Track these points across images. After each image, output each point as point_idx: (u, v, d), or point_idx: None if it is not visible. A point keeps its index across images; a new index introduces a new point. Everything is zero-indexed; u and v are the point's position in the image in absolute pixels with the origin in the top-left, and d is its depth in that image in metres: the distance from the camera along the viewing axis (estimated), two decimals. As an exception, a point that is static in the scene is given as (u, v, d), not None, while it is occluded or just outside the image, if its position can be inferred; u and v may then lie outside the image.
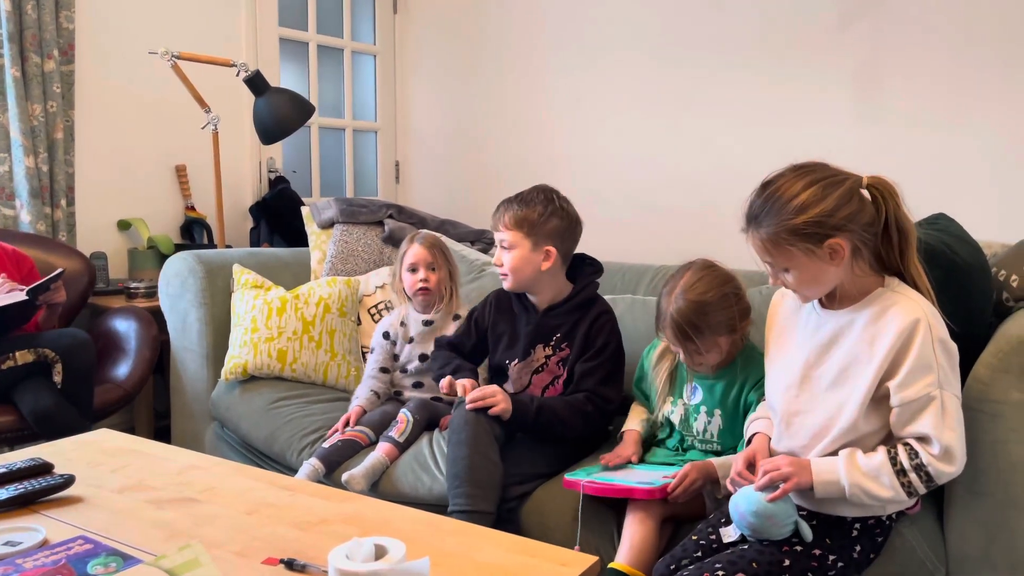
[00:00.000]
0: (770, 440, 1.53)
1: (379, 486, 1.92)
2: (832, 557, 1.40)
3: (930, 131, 2.66)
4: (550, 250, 1.93)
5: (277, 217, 3.36)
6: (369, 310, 2.65)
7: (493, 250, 2.00)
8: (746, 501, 1.39)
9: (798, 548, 1.39)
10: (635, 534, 1.59)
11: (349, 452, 2.02)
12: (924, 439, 1.32)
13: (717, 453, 1.74)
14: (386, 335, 2.29)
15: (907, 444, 1.33)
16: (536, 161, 3.56)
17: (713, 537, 1.49)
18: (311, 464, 1.97)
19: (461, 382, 1.89)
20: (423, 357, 2.23)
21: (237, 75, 2.90)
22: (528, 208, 1.93)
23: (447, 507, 1.72)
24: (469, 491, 1.70)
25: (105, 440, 1.69)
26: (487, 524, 1.59)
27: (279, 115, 2.86)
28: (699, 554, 1.47)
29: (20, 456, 1.53)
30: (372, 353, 2.31)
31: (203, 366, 2.56)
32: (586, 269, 2.04)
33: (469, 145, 3.82)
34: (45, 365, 2.23)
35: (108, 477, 1.47)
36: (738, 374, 1.74)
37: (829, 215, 1.31)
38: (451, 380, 1.91)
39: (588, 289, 2.00)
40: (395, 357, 2.29)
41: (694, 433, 1.78)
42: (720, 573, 1.36)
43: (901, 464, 1.32)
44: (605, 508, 1.69)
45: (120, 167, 3.09)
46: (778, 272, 1.39)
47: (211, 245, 3.20)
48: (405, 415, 2.06)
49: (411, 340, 2.26)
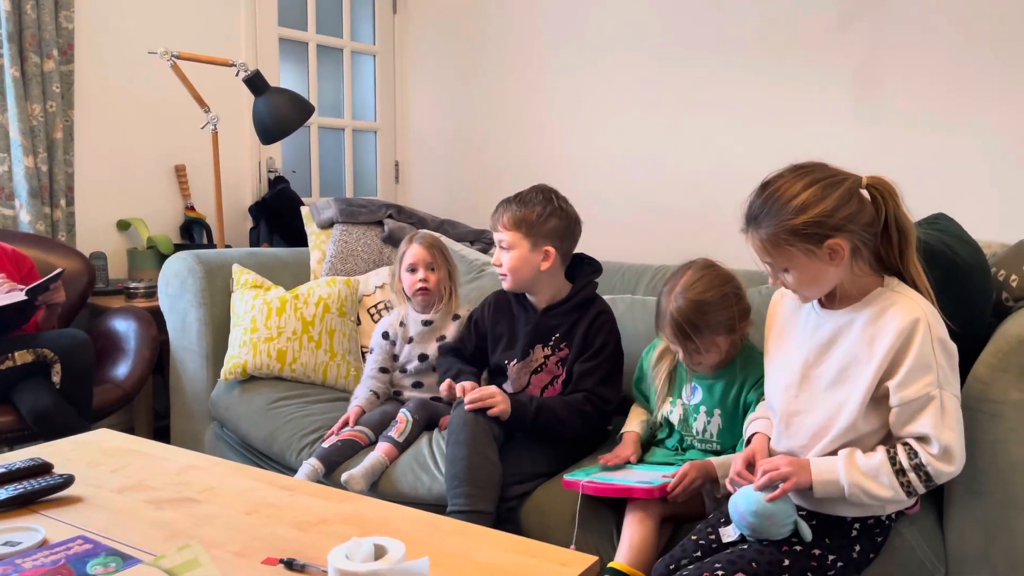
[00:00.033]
0: (769, 440, 1.53)
1: (378, 486, 1.92)
2: (832, 557, 1.40)
3: (930, 131, 2.66)
4: (549, 250, 1.93)
5: (277, 217, 3.36)
6: (369, 310, 2.65)
7: (493, 250, 2.00)
8: (745, 501, 1.39)
9: (797, 548, 1.39)
10: (634, 534, 1.59)
11: (349, 452, 2.02)
12: (923, 439, 1.32)
13: (716, 453, 1.74)
14: (385, 335, 2.29)
15: (906, 444, 1.33)
16: (536, 161, 3.56)
17: (712, 537, 1.49)
18: (311, 464, 1.97)
19: (461, 384, 1.89)
20: (422, 357, 2.23)
21: (237, 75, 2.90)
22: (527, 208, 1.93)
23: (446, 507, 1.72)
24: (468, 491, 1.70)
25: (105, 440, 1.69)
26: (486, 524, 1.59)
27: (279, 115, 2.86)
28: (698, 554, 1.47)
29: (20, 456, 1.53)
30: (371, 353, 2.31)
31: (202, 366, 2.56)
32: (585, 269, 2.04)
33: (469, 145, 3.82)
34: (44, 365, 2.23)
35: (108, 477, 1.47)
36: (737, 374, 1.74)
37: (829, 215, 1.31)
38: (450, 383, 1.91)
39: (587, 289, 2.00)
40: (394, 357, 2.29)
41: (693, 433, 1.78)
42: (720, 573, 1.36)
43: (900, 464, 1.32)
44: (604, 508, 1.69)
45: (120, 167, 3.09)
46: (778, 272, 1.39)
47: (211, 245, 3.20)
48: (404, 415, 2.06)
49: (410, 340, 2.26)
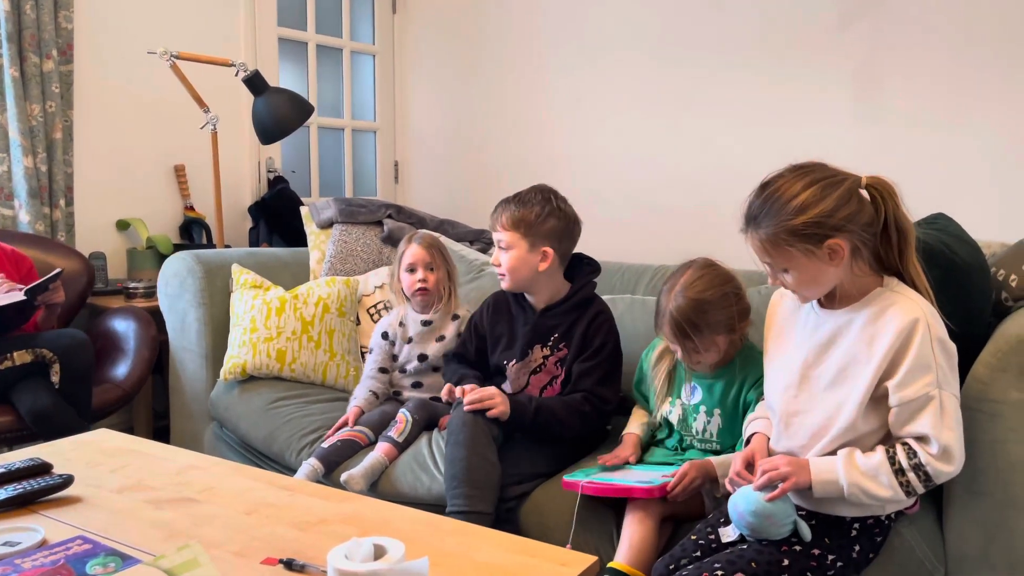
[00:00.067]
0: (769, 440, 1.53)
1: (378, 486, 1.92)
2: (831, 557, 1.40)
3: (930, 131, 2.66)
4: (547, 251, 1.93)
5: (276, 217, 3.36)
6: (368, 310, 2.65)
7: (492, 250, 1.99)
8: (745, 501, 1.39)
9: (797, 548, 1.39)
10: (634, 534, 1.59)
11: (348, 452, 2.02)
12: (923, 439, 1.32)
13: (716, 452, 1.74)
14: (385, 335, 2.29)
15: (906, 444, 1.33)
16: (535, 161, 3.56)
17: (712, 537, 1.49)
18: (310, 464, 1.97)
19: (460, 386, 1.89)
20: (422, 357, 2.23)
21: (236, 75, 2.90)
22: (525, 208, 1.93)
23: (445, 507, 1.72)
24: (467, 492, 1.70)
25: (104, 440, 1.69)
26: (485, 525, 1.58)
27: (278, 115, 2.86)
28: (698, 554, 1.47)
29: (19, 456, 1.53)
30: (371, 353, 2.31)
31: (202, 366, 2.56)
32: (584, 269, 2.03)
33: (468, 145, 3.82)
34: (43, 365, 2.23)
35: (107, 477, 1.47)
36: (737, 373, 1.74)
37: (828, 215, 1.31)
38: (450, 388, 1.91)
39: (585, 289, 2.00)
40: (394, 357, 2.29)
41: (693, 433, 1.78)
42: (719, 573, 1.36)
43: (900, 463, 1.32)
44: (604, 508, 1.69)
45: (119, 167, 3.09)
46: (777, 272, 1.39)
47: (210, 245, 3.20)
48: (404, 415, 2.06)
49: (410, 340, 2.26)
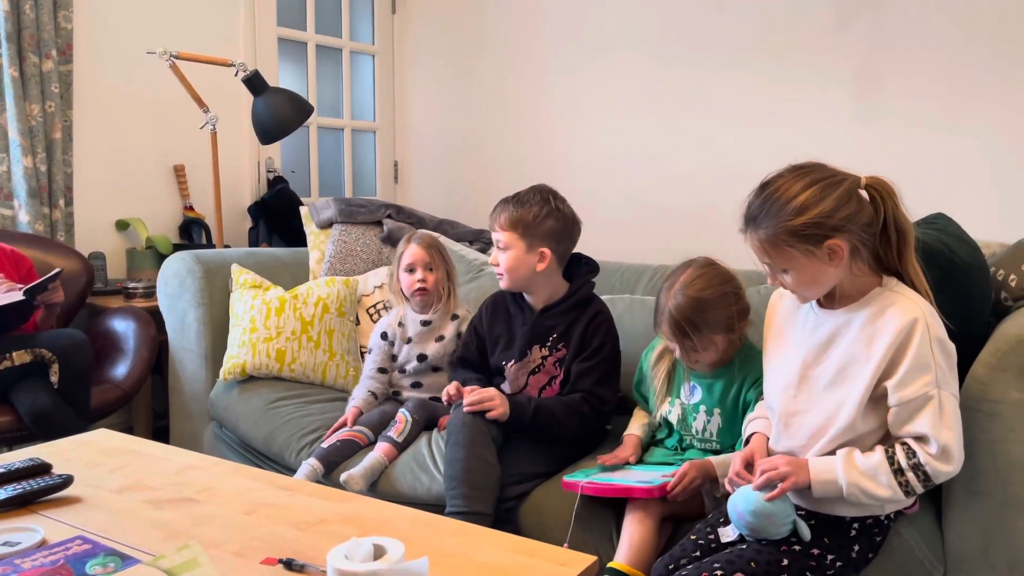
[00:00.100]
0: (768, 440, 1.53)
1: (378, 486, 1.92)
2: (830, 557, 1.40)
3: (930, 131, 2.66)
4: (544, 252, 1.92)
5: (276, 217, 3.36)
6: (368, 310, 2.65)
7: (491, 249, 2.00)
8: (744, 501, 1.39)
9: (796, 548, 1.39)
10: (634, 533, 1.59)
11: (348, 452, 2.02)
12: (922, 438, 1.32)
13: (716, 452, 1.74)
14: (384, 336, 2.29)
15: (905, 443, 1.33)
16: (535, 161, 3.56)
17: (712, 537, 1.49)
18: (310, 464, 1.97)
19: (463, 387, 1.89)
20: (421, 357, 2.23)
21: (235, 75, 2.90)
22: (524, 209, 1.92)
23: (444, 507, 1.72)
24: (466, 492, 1.70)
25: (103, 440, 1.69)
26: (483, 526, 1.58)
27: (278, 115, 2.86)
28: (697, 554, 1.47)
29: (18, 456, 1.53)
30: (370, 354, 2.31)
31: (201, 366, 2.56)
32: (582, 269, 2.03)
33: (468, 145, 3.82)
34: (42, 365, 2.23)
35: (106, 477, 1.47)
36: (736, 373, 1.74)
37: (828, 216, 1.31)
38: (450, 388, 1.91)
39: (584, 289, 2.00)
40: (393, 358, 2.29)
41: (693, 432, 1.78)
42: (719, 572, 1.36)
43: (899, 463, 1.32)
44: (603, 508, 1.69)
45: (118, 167, 3.09)
46: (777, 273, 1.39)
47: (209, 245, 3.20)
48: (404, 415, 2.06)
49: (409, 340, 2.26)
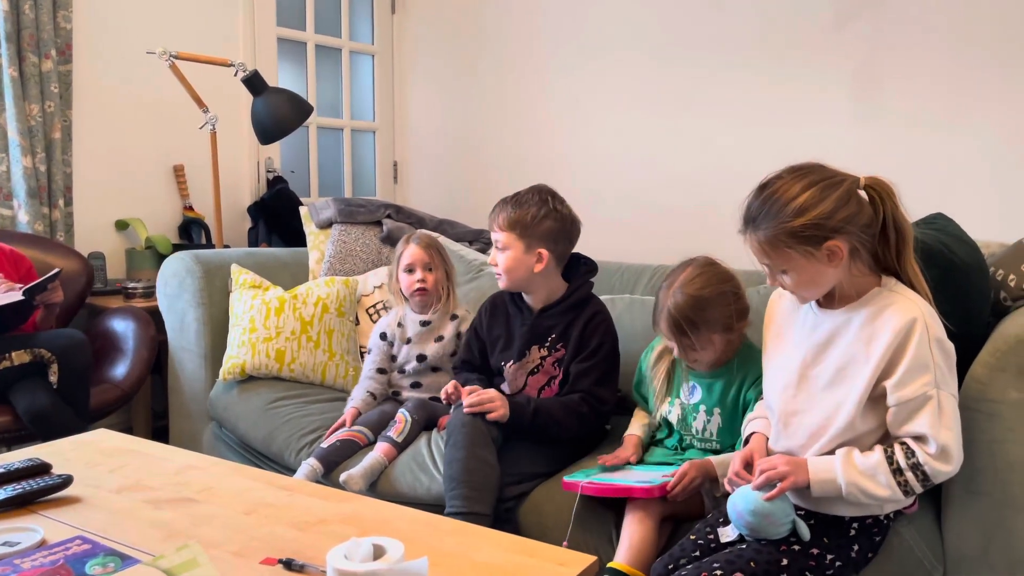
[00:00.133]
0: (767, 440, 1.53)
1: (377, 486, 1.92)
2: (830, 556, 1.40)
3: (930, 131, 2.66)
4: (542, 252, 1.92)
5: (275, 217, 3.36)
6: (367, 310, 2.65)
7: (491, 249, 2.00)
8: (744, 500, 1.39)
9: (796, 547, 1.39)
10: (634, 533, 1.59)
11: (347, 452, 2.02)
12: (921, 438, 1.32)
13: (716, 452, 1.74)
14: (383, 336, 2.29)
15: (904, 443, 1.33)
16: (535, 161, 3.56)
17: (711, 537, 1.49)
18: (309, 464, 1.97)
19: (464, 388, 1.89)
20: (421, 358, 2.23)
21: (235, 75, 2.90)
22: (522, 210, 1.92)
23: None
24: (465, 493, 1.70)
25: (103, 440, 1.69)
26: (483, 526, 1.58)
27: (277, 115, 2.86)
28: (697, 554, 1.47)
29: (18, 456, 1.53)
30: (369, 354, 2.31)
31: (201, 366, 2.56)
32: (581, 269, 2.03)
33: (467, 145, 3.81)
34: (41, 365, 2.23)
35: (106, 477, 1.47)
36: (736, 372, 1.74)
37: (828, 217, 1.31)
38: (449, 388, 1.91)
39: (582, 289, 2.00)
40: (392, 358, 2.29)
41: (693, 432, 1.78)
42: (718, 572, 1.36)
43: (897, 463, 1.32)
44: (603, 508, 1.69)
45: (118, 167, 3.09)
46: (776, 273, 1.39)
47: (209, 245, 3.20)
48: (403, 415, 2.06)
49: (408, 341, 2.25)
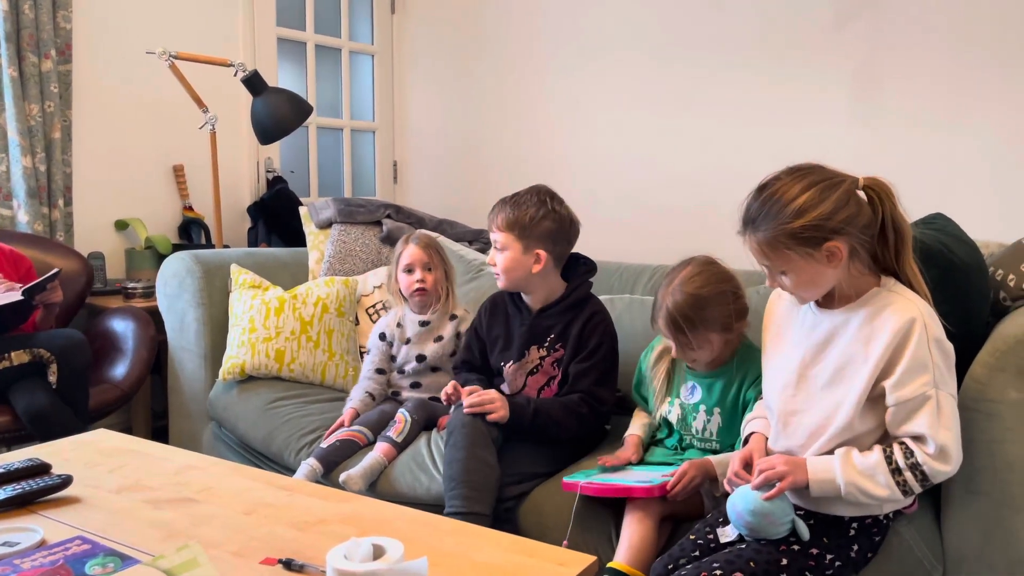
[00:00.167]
0: (767, 439, 1.53)
1: (377, 486, 1.92)
2: (830, 556, 1.40)
3: (930, 131, 2.66)
4: (540, 253, 1.92)
5: (275, 217, 3.36)
6: (367, 310, 2.65)
7: (490, 249, 2.00)
8: (743, 500, 1.39)
9: (795, 547, 1.39)
10: (634, 533, 1.59)
11: (347, 452, 2.02)
12: (919, 438, 1.32)
13: (716, 452, 1.74)
14: (382, 336, 2.29)
15: (903, 443, 1.33)
16: (534, 161, 3.56)
17: (711, 537, 1.49)
18: (309, 464, 1.97)
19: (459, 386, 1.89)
20: (420, 358, 2.23)
21: (235, 75, 2.90)
22: (520, 210, 1.92)
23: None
24: (465, 493, 1.70)
25: (103, 440, 1.69)
26: (482, 526, 1.59)
27: (277, 115, 2.86)
28: (697, 554, 1.47)
29: (18, 456, 1.53)
30: (368, 355, 2.31)
31: (201, 366, 2.55)
32: (579, 269, 2.03)
33: (467, 145, 3.81)
34: (40, 365, 2.23)
35: (106, 477, 1.47)
36: (736, 372, 1.74)
37: (827, 218, 1.30)
38: (449, 388, 1.91)
39: (581, 289, 2.00)
40: (392, 358, 2.29)
41: (693, 432, 1.78)
42: (718, 572, 1.36)
43: (896, 463, 1.32)
44: (603, 508, 1.69)
45: (118, 167, 3.09)
46: (775, 274, 1.39)
47: (209, 245, 3.20)
48: (403, 415, 2.06)
49: (408, 341, 2.25)
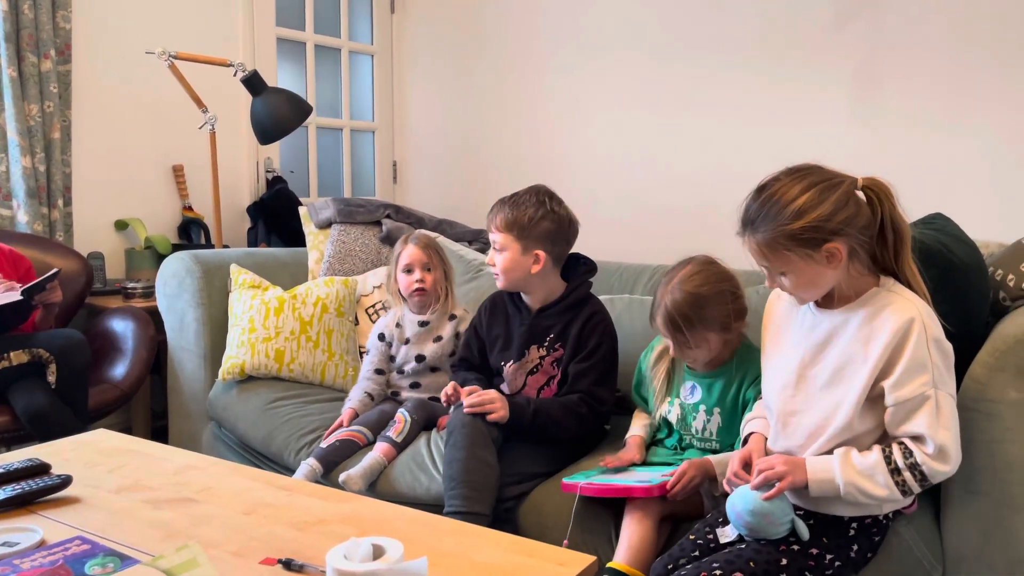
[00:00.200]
0: (766, 439, 1.53)
1: (377, 486, 1.92)
2: (829, 556, 1.40)
3: (930, 131, 2.66)
4: (539, 254, 1.92)
5: (274, 217, 3.36)
6: (367, 310, 2.65)
7: (490, 249, 2.00)
8: (742, 500, 1.39)
9: (795, 547, 1.39)
10: (633, 533, 1.59)
11: (347, 452, 2.02)
12: (918, 438, 1.32)
13: (716, 452, 1.74)
14: (381, 337, 2.29)
15: (902, 443, 1.33)
16: (534, 161, 3.56)
17: (711, 537, 1.49)
18: (309, 464, 1.97)
19: (459, 386, 1.89)
20: (419, 358, 2.23)
21: (234, 75, 2.90)
22: (519, 211, 1.92)
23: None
24: (465, 493, 1.70)
25: (102, 440, 1.69)
26: (482, 526, 1.59)
27: (276, 115, 2.86)
28: (696, 553, 1.47)
29: (17, 456, 1.53)
30: (367, 355, 2.31)
31: (200, 366, 2.55)
32: (579, 269, 2.03)
33: (467, 145, 3.81)
34: (40, 365, 2.23)
35: (105, 477, 1.47)
36: (735, 372, 1.74)
37: (826, 219, 1.30)
38: (449, 389, 1.91)
39: (580, 289, 2.00)
40: (391, 359, 2.29)
41: (692, 432, 1.78)
42: (717, 572, 1.36)
43: (895, 463, 1.32)
44: (602, 508, 1.69)
45: (117, 167, 3.09)
46: (775, 275, 1.39)
47: (208, 245, 3.20)
48: (403, 415, 2.06)
49: (407, 341, 2.25)
